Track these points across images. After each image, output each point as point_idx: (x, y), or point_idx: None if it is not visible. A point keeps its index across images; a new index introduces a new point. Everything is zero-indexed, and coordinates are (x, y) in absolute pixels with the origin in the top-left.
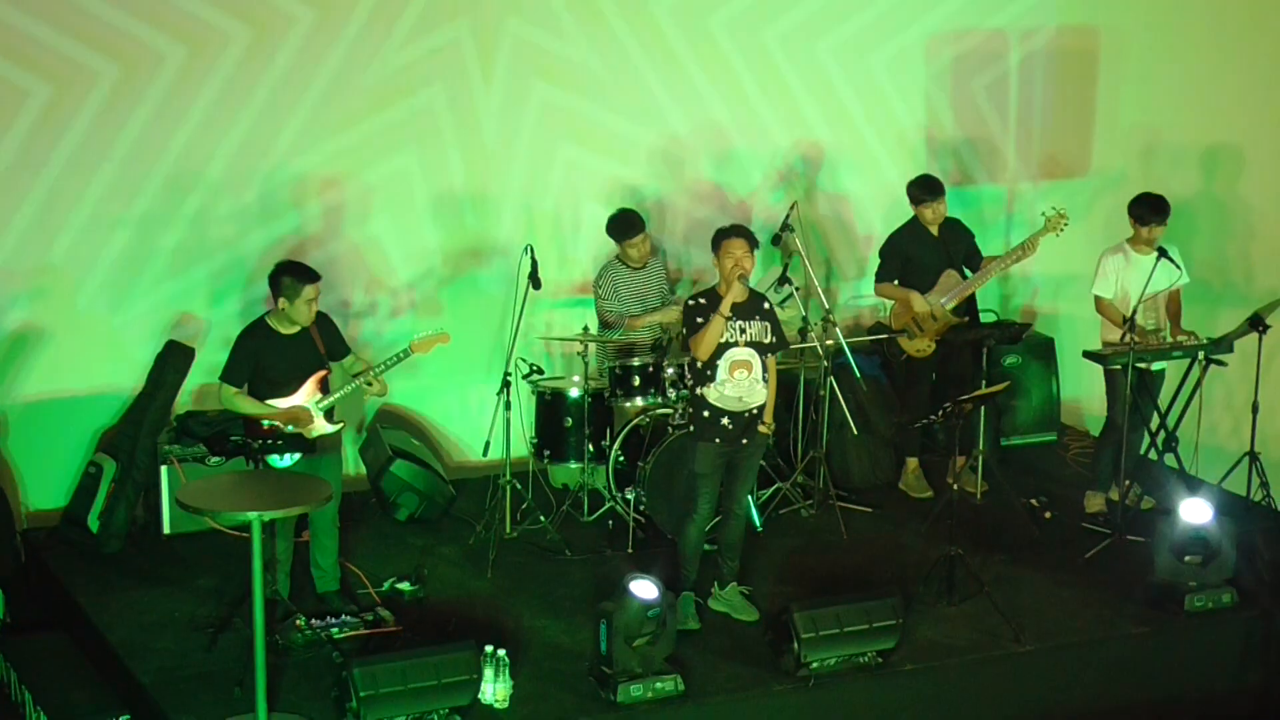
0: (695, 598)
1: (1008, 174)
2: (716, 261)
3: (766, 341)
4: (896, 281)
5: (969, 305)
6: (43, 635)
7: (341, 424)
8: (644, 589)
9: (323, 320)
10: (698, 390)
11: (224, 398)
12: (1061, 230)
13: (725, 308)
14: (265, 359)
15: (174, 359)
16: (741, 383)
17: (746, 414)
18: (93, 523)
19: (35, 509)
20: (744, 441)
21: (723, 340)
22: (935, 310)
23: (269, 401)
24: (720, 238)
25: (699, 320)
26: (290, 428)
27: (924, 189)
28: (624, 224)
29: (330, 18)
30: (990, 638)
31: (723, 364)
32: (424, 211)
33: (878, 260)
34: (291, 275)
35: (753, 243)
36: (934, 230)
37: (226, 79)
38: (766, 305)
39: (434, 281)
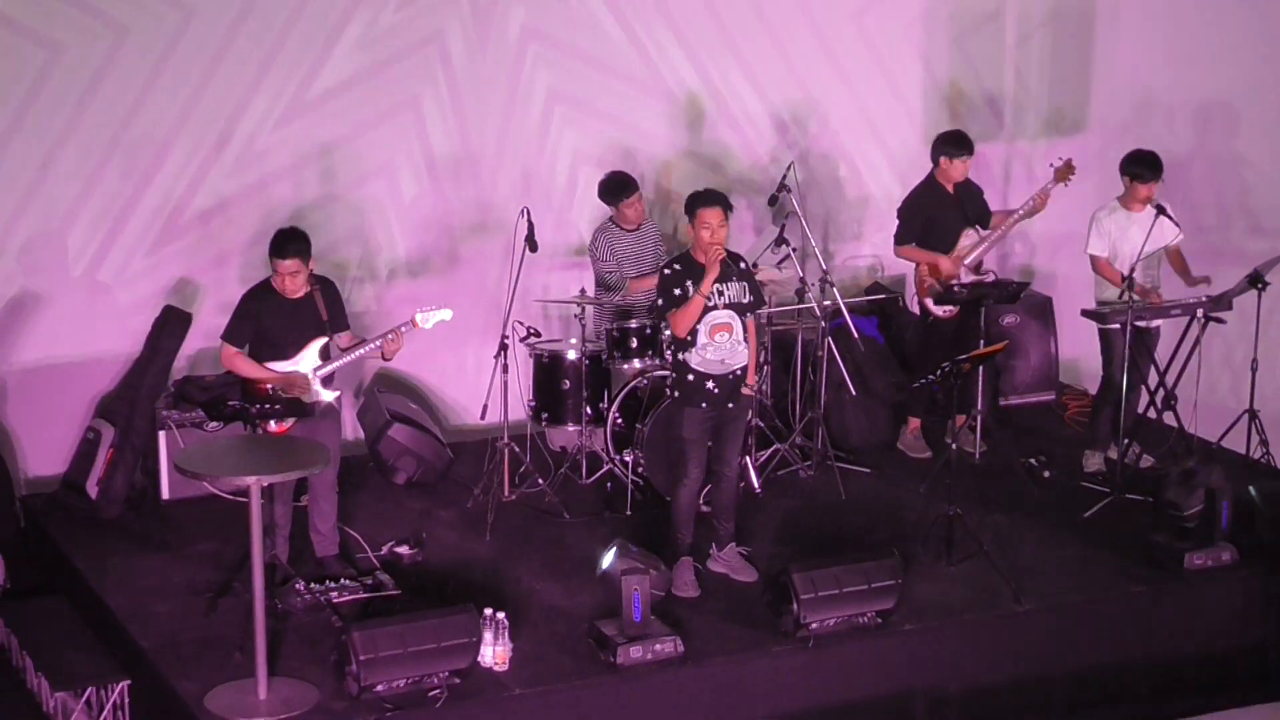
0: (695, 563)
1: (1005, 133)
2: (690, 228)
3: (745, 302)
4: (915, 243)
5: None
6: (43, 601)
7: (339, 392)
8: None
9: (329, 289)
10: (679, 355)
11: (224, 357)
12: (1069, 180)
13: (706, 287)
14: (266, 321)
15: (171, 324)
16: (723, 345)
17: (730, 375)
18: (91, 488)
19: (34, 475)
20: (730, 405)
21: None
22: (960, 270)
23: (268, 365)
24: (695, 204)
25: (676, 292)
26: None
27: (955, 144)
28: (616, 185)
29: None
30: (989, 597)
31: (703, 328)
32: (420, 175)
33: (896, 222)
34: (273, 244)
35: (727, 208)
36: (950, 189)
37: (224, 42)
38: (743, 265)
39: (431, 246)
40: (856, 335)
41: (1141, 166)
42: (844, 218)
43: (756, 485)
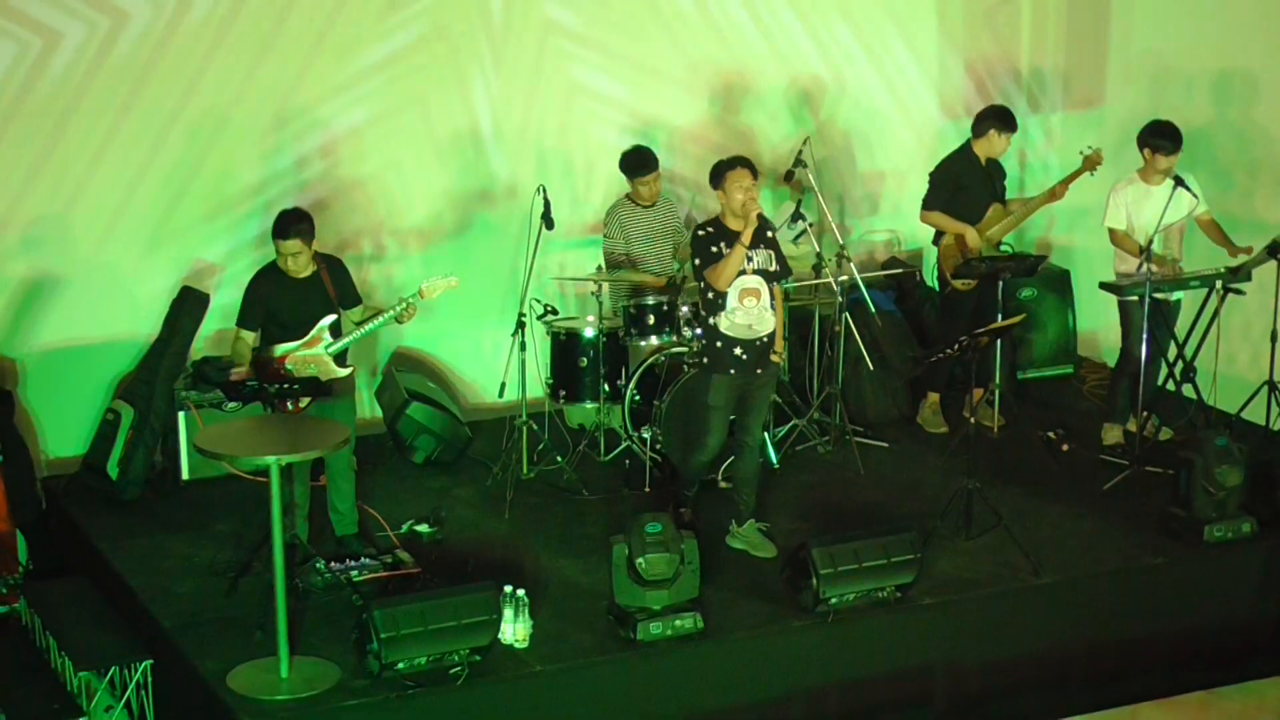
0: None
1: (1020, 106)
2: (722, 194)
3: (772, 269)
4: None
5: None
6: (65, 581)
7: (352, 368)
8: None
9: (335, 266)
10: (710, 320)
11: (235, 346)
12: (1096, 170)
13: (746, 238)
14: (274, 302)
15: (189, 305)
16: (751, 310)
17: (758, 342)
18: (112, 469)
19: (55, 456)
20: (758, 371)
21: None
22: (984, 245)
23: (279, 345)
24: (724, 169)
25: (714, 250)
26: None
27: (1002, 120)
28: (637, 160)
29: None
30: (1009, 571)
31: (732, 292)
32: (435, 152)
33: (927, 186)
34: (275, 225)
35: (755, 172)
36: (983, 162)
37: (239, 23)
38: (770, 233)
39: (446, 223)
40: (873, 310)
41: (1162, 138)
42: (859, 193)
43: (774, 461)
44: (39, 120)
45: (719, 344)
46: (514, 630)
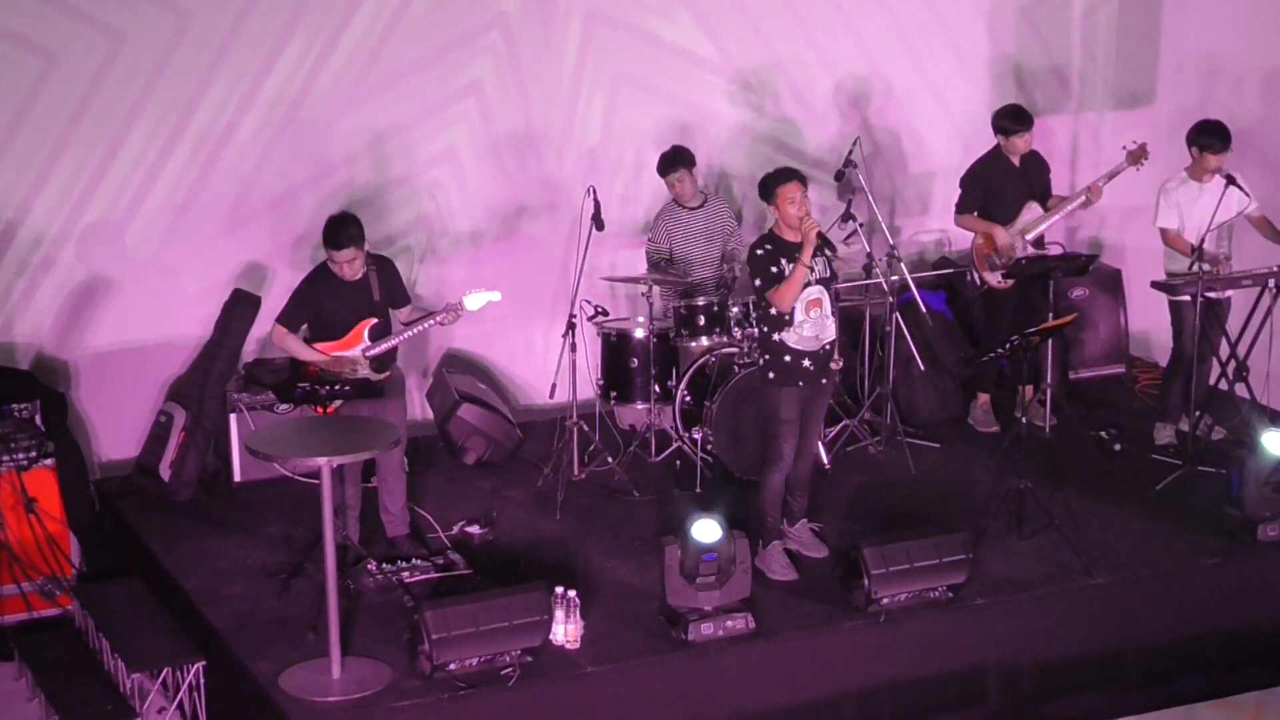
0: (784, 545)
1: (1071, 104)
2: (774, 209)
3: (828, 276)
4: (976, 213)
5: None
6: (118, 583)
7: (388, 373)
8: (705, 530)
9: (386, 267)
10: (775, 336)
11: (275, 337)
12: (1142, 164)
13: (806, 258)
14: (324, 304)
15: (241, 307)
16: (817, 321)
17: (821, 350)
18: (164, 471)
19: (108, 459)
20: (823, 381)
21: None
22: (1017, 243)
23: (319, 346)
24: (774, 184)
25: (773, 269)
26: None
27: (1013, 119)
28: (663, 160)
29: None
30: (1061, 571)
31: (799, 305)
32: (485, 154)
33: (959, 191)
34: (326, 234)
35: (804, 182)
36: (1016, 161)
37: (288, 25)
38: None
39: (496, 224)
40: (924, 310)
41: (1211, 137)
42: (910, 192)
43: (825, 461)
44: (91, 125)
45: (787, 358)
46: (565, 631)
